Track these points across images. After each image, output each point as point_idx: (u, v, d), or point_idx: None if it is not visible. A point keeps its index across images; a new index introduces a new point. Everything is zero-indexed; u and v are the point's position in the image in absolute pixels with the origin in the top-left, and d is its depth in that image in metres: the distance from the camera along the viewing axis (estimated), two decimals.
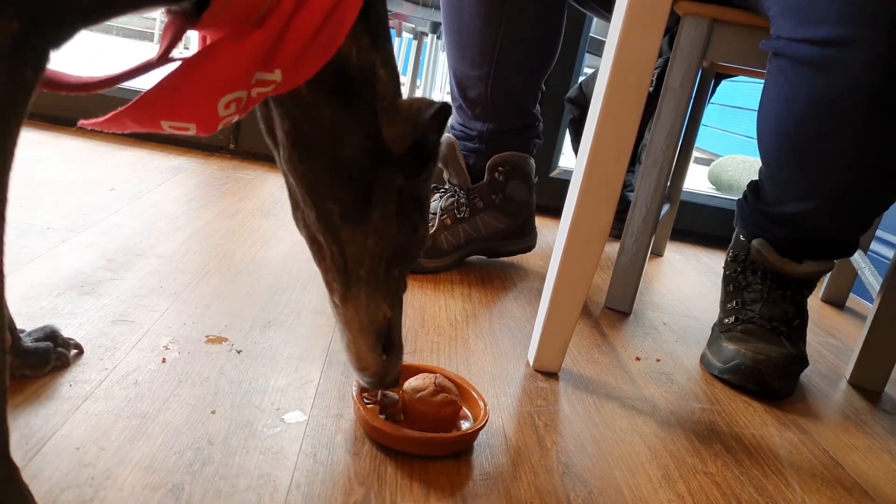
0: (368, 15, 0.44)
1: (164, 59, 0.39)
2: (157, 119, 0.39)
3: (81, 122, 0.40)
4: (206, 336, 0.67)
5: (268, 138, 0.49)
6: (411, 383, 0.57)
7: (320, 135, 0.45)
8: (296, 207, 0.50)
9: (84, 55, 3.21)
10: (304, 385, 0.62)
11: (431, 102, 0.45)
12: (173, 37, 0.39)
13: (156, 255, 0.85)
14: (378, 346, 0.52)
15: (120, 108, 0.39)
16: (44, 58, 0.31)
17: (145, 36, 5.47)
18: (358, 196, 0.47)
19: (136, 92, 0.43)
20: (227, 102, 0.40)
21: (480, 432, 0.58)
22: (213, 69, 0.38)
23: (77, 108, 1.42)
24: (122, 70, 0.39)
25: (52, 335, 0.57)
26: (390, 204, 0.48)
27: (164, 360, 0.61)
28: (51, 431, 0.48)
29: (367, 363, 0.52)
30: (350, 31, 0.42)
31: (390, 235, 0.49)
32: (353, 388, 0.57)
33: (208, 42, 0.41)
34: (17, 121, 0.31)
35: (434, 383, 0.56)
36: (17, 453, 0.46)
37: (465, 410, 0.60)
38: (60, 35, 0.31)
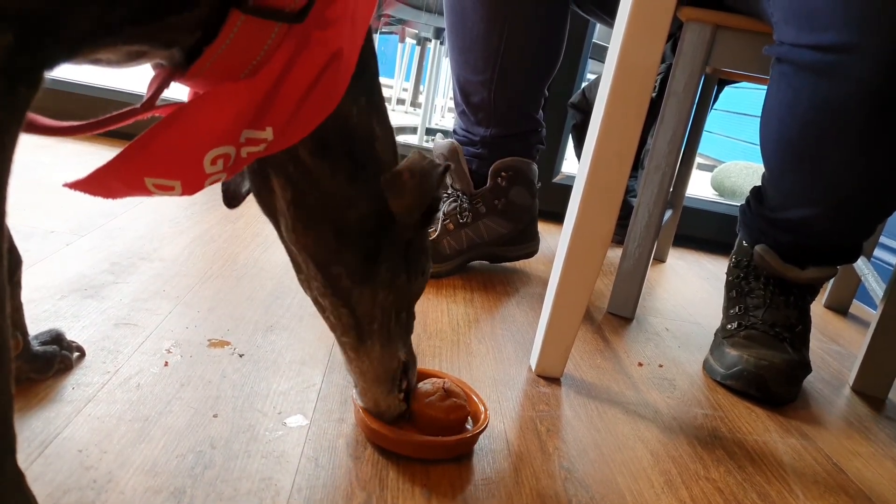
0: (364, 72, 0.43)
1: (148, 107, 0.38)
2: (141, 175, 0.37)
3: (65, 184, 0.38)
4: (209, 340, 0.67)
5: (264, 211, 0.48)
6: (419, 389, 0.57)
7: (325, 202, 0.44)
8: (299, 271, 0.49)
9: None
10: (306, 389, 0.62)
11: (433, 167, 0.45)
12: (159, 86, 0.37)
13: (159, 259, 0.85)
14: (394, 389, 0.53)
15: (101, 166, 0.37)
16: (38, 77, 0.30)
17: None
18: (364, 257, 0.46)
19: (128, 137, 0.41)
20: (214, 158, 0.38)
21: (481, 436, 0.58)
22: (196, 121, 0.37)
23: (78, 112, 1.42)
24: (104, 116, 0.38)
25: (57, 338, 0.57)
26: (397, 257, 0.48)
27: (166, 364, 0.61)
28: (53, 434, 0.49)
29: (384, 407, 0.54)
30: (347, 89, 0.41)
31: (400, 287, 0.49)
32: (354, 392, 0.57)
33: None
34: (11, 138, 0.30)
35: (443, 388, 0.56)
36: (19, 456, 0.45)
37: None
38: (54, 56, 0.31)
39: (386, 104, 0.48)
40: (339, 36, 0.39)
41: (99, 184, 0.37)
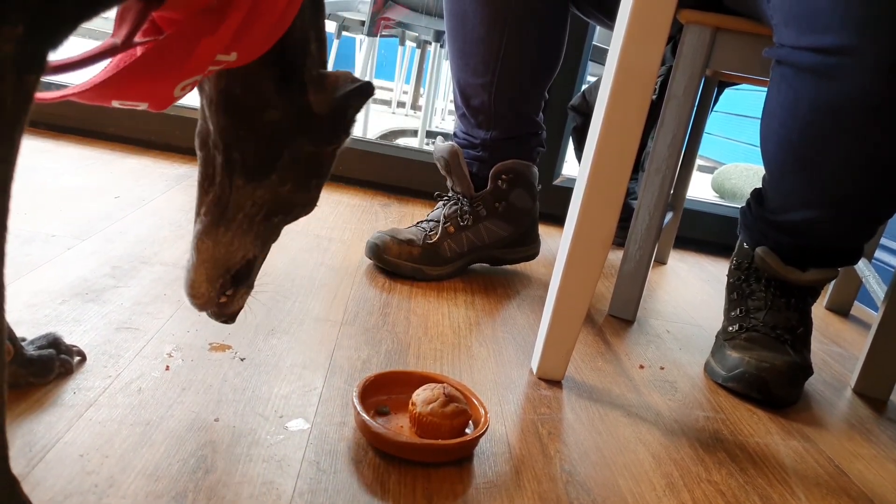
0: None
1: (128, 44, 0.39)
2: (111, 98, 0.40)
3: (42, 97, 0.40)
4: (210, 343, 0.67)
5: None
6: (420, 394, 0.57)
7: (249, 99, 0.47)
8: (202, 145, 0.51)
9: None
10: (307, 393, 0.62)
11: (358, 81, 0.48)
12: (136, 20, 0.39)
13: (160, 263, 0.85)
14: (218, 282, 0.53)
15: (72, 88, 0.39)
16: (45, 61, 0.31)
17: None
18: (266, 156, 0.49)
19: None
20: (184, 86, 0.42)
21: (482, 439, 0.58)
22: (179, 60, 0.39)
23: (80, 117, 1.43)
24: (83, 55, 0.38)
25: (54, 343, 0.57)
26: (293, 167, 0.50)
27: (167, 368, 0.61)
28: (54, 439, 0.49)
29: (199, 292, 0.53)
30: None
31: (281, 192, 0.51)
32: (355, 395, 0.57)
33: (157, 22, 0.42)
34: (20, 129, 0.31)
35: (443, 394, 0.56)
36: (20, 461, 0.46)
37: None
38: (59, 36, 0.31)
39: (325, 18, 0.51)
40: None
41: (70, 97, 0.40)
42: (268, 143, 0.48)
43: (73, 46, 0.33)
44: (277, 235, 0.55)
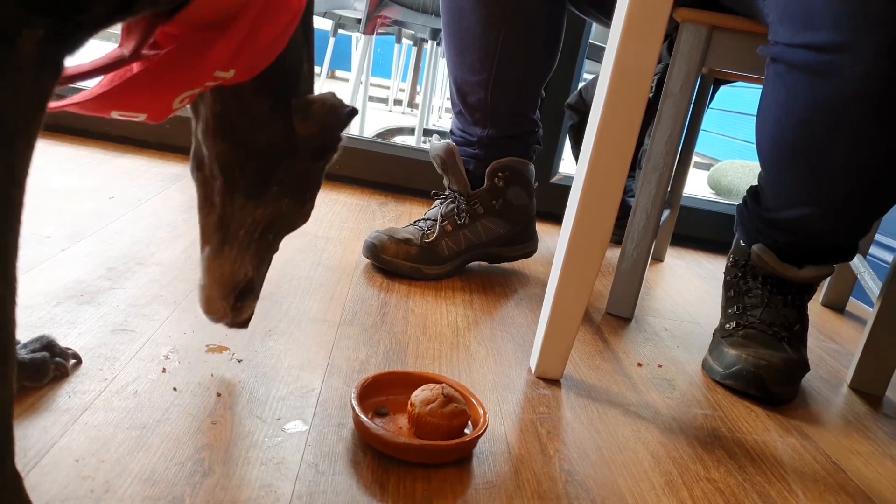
0: (305, 9, 0.47)
1: (136, 56, 0.40)
2: (111, 110, 0.42)
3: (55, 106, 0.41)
4: (207, 345, 0.67)
5: (190, 108, 0.52)
6: (419, 395, 0.57)
7: (244, 121, 0.49)
8: (201, 168, 0.53)
9: None
10: (305, 394, 0.61)
11: (341, 106, 0.50)
12: (144, 34, 0.40)
13: (156, 264, 0.85)
14: (231, 297, 0.57)
15: (72, 99, 0.40)
16: (62, 65, 0.31)
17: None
18: (263, 174, 0.51)
19: None
20: (183, 99, 0.43)
21: (481, 439, 0.58)
22: (180, 74, 0.41)
23: (75, 116, 1.42)
24: (91, 65, 0.39)
25: (48, 346, 0.56)
26: (289, 183, 0.52)
27: (164, 370, 0.61)
28: (49, 443, 0.48)
29: (214, 308, 0.57)
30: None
31: (279, 209, 0.53)
32: (353, 397, 0.57)
33: (156, 37, 0.43)
34: (36, 132, 0.31)
35: (442, 394, 0.56)
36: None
37: None
38: (77, 42, 0.32)
39: (314, 37, 0.53)
40: None
41: (70, 108, 0.41)
42: (264, 162, 0.50)
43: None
44: (277, 248, 0.58)
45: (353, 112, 0.51)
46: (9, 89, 0.29)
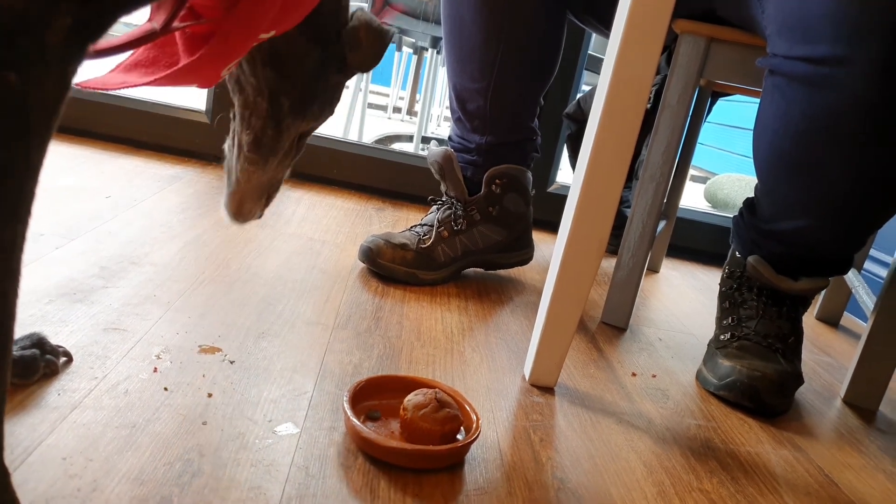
0: None
1: (167, 30, 0.41)
2: (163, 85, 0.44)
3: (82, 84, 0.42)
4: (199, 346, 0.66)
5: None
6: (412, 400, 0.57)
7: (290, 50, 0.52)
8: (239, 90, 0.55)
9: None
10: (297, 397, 0.61)
11: (382, 29, 0.55)
12: (175, 5, 0.41)
13: (150, 264, 0.84)
14: (262, 201, 0.59)
15: (134, 79, 0.42)
16: (85, 54, 0.31)
17: None
18: (308, 93, 0.55)
19: None
20: (230, 67, 0.47)
21: (473, 445, 0.58)
22: (232, 53, 0.43)
23: (73, 116, 1.42)
24: (122, 39, 0.40)
25: (39, 343, 0.56)
26: (327, 97, 0.56)
27: (155, 370, 0.60)
28: (37, 441, 0.48)
29: (246, 210, 0.59)
30: None
31: (319, 120, 0.57)
32: (345, 400, 0.57)
33: (195, 7, 0.45)
34: (55, 124, 0.32)
35: (435, 399, 0.56)
36: None
37: None
38: (103, 29, 0.32)
39: None
40: None
41: (117, 85, 0.43)
42: (310, 83, 0.54)
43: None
44: (304, 148, 0.62)
45: (392, 34, 0.56)
46: (32, 83, 0.29)
